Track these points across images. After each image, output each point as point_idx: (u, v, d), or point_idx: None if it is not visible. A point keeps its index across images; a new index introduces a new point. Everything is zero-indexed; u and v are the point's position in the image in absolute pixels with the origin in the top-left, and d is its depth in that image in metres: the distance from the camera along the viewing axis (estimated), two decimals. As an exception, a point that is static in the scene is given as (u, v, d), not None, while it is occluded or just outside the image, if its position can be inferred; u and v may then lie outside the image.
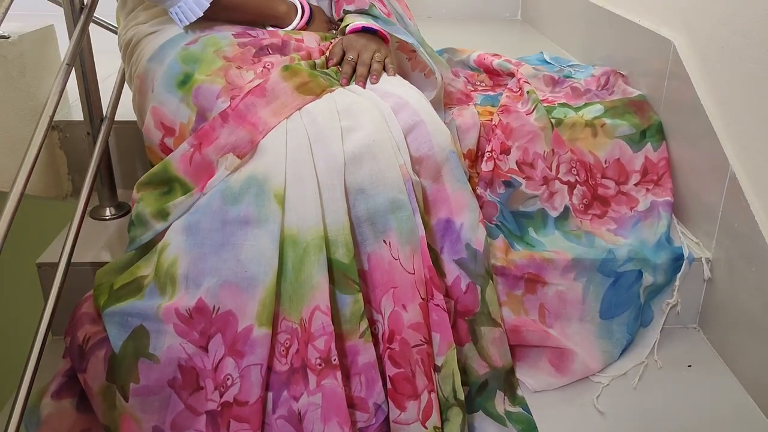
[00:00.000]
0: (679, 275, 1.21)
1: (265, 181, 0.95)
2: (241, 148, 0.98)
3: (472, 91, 1.50)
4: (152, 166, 1.07)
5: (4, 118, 1.28)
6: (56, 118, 1.13)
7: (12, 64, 1.29)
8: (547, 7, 2.34)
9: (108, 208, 1.32)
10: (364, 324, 0.96)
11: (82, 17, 1.17)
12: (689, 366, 1.16)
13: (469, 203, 1.07)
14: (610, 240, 1.26)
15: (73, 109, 1.47)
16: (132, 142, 1.41)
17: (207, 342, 0.94)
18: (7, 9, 0.96)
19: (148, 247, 1.04)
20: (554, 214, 1.27)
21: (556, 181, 1.28)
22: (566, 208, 1.28)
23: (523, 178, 1.26)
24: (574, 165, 1.31)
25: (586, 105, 1.43)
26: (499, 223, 1.22)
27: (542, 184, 1.27)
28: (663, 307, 1.22)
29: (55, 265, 1.01)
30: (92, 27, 1.23)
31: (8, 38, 1.28)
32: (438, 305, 1.00)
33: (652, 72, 1.43)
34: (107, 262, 1.07)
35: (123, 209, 1.33)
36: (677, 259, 1.21)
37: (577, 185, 1.31)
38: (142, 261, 1.02)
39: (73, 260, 1.04)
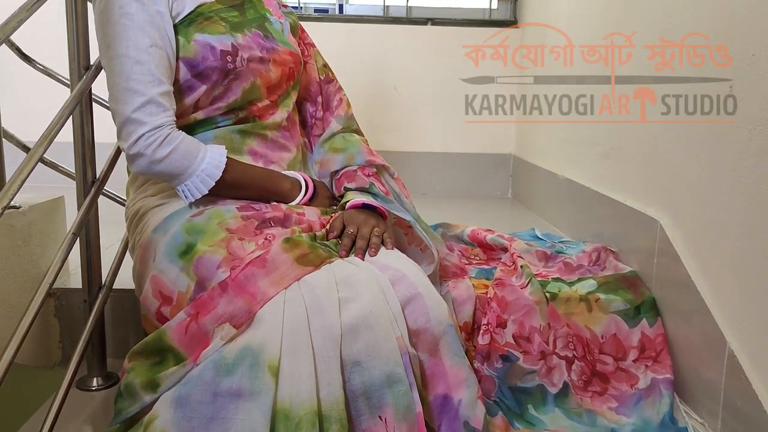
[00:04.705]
0: (687, 458, 1.16)
1: (260, 352, 0.93)
2: (239, 318, 0.97)
3: (466, 264, 1.53)
4: (146, 335, 1.06)
5: (3, 285, 1.29)
6: (55, 285, 1.14)
7: (18, 234, 1.33)
8: (536, 187, 2.45)
9: (96, 378, 1.29)
10: None
11: (93, 190, 1.22)
12: None
13: (468, 378, 1.05)
14: (612, 419, 1.21)
15: (72, 277, 1.48)
16: (127, 311, 1.40)
17: None
18: (22, 183, 1.00)
19: (133, 421, 1.00)
20: (553, 390, 1.24)
21: (554, 356, 1.27)
22: (565, 385, 1.25)
23: (521, 353, 1.24)
24: (570, 339, 1.30)
25: (579, 280, 1.45)
26: (497, 399, 1.19)
27: (540, 359, 1.25)
28: (674, 493, 1.16)
29: (34, 440, 0.96)
30: (100, 198, 1.27)
31: (19, 208, 1.33)
32: (436, 489, 0.94)
33: (641, 249, 1.47)
34: (89, 437, 1.03)
35: (111, 380, 1.30)
36: (684, 441, 1.16)
37: (575, 360, 1.29)
38: (125, 436, 0.97)
39: (53, 434, 1.00)
